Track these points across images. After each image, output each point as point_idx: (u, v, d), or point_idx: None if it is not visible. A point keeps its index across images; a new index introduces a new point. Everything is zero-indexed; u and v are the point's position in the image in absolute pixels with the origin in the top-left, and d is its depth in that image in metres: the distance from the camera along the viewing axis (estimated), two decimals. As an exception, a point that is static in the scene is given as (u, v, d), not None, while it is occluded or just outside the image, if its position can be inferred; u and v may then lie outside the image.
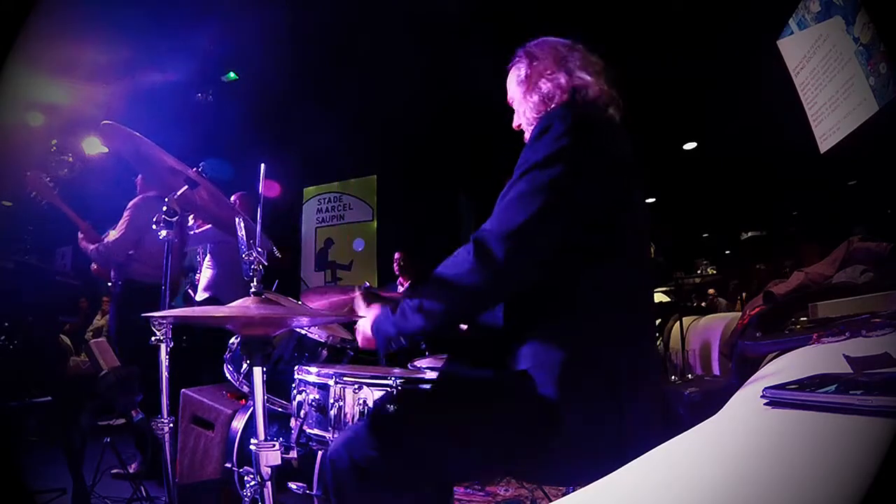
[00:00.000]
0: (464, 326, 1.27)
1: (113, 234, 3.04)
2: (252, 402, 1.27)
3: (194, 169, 1.57)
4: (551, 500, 2.25)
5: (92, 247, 3.04)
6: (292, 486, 1.50)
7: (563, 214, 0.95)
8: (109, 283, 3.23)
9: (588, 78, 1.11)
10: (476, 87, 1.41)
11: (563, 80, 1.11)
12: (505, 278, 0.95)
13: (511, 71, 1.23)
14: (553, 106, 1.11)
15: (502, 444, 0.95)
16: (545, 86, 1.12)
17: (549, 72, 1.13)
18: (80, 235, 3.11)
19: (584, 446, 0.94)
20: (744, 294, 5.62)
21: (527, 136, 1.16)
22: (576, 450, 0.93)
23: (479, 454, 0.96)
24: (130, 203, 3.09)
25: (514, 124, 1.23)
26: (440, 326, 0.98)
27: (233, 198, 3.44)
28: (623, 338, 0.99)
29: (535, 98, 1.13)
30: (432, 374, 1.37)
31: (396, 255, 4.62)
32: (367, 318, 1.10)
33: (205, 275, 3.45)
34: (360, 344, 1.13)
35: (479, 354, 1.10)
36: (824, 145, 2.96)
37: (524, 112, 1.17)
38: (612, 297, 0.99)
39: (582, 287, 0.99)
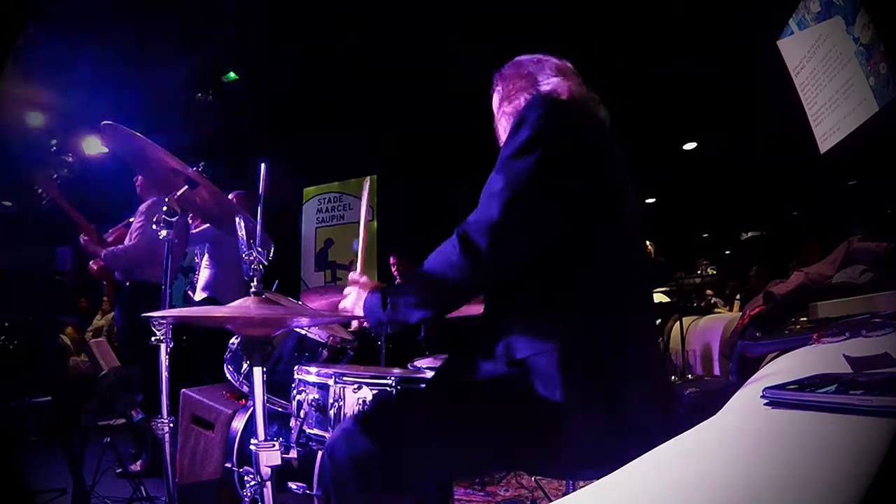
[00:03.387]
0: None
1: (126, 240, 3.05)
2: (252, 402, 1.27)
3: (194, 169, 1.57)
4: (551, 500, 2.25)
5: (107, 250, 3.01)
6: (292, 486, 1.50)
7: (542, 201, 0.97)
8: (104, 284, 3.20)
9: (556, 80, 1.13)
10: (476, 86, 1.41)
11: (528, 93, 1.15)
12: (486, 268, 0.97)
13: (492, 95, 1.28)
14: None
15: (501, 438, 0.96)
16: (515, 101, 1.17)
17: (517, 87, 1.18)
18: (84, 238, 3.08)
19: (583, 439, 0.94)
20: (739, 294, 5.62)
21: None
22: (574, 442, 0.94)
23: (477, 447, 0.96)
24: (142, 208, 3.07)
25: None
26: (429, 316, 1.03)
27: (231, 196, 3.42)
28: (617, 330, 0.99)
29: (510, 110, 1.18)
30: (432, 374, 1.37)
31: (392, 260, 4.63)
32: (357, 300, 1.13)
33: (203, 274, 3.42)
34: (347, 307, 1.16)
35: (474, 345, 1.10)
36: (824, 145, 2.96)
37: (503, 130, 1.21)
38: (600, 289, 0.99)
39: (569, 277, 1.00)
